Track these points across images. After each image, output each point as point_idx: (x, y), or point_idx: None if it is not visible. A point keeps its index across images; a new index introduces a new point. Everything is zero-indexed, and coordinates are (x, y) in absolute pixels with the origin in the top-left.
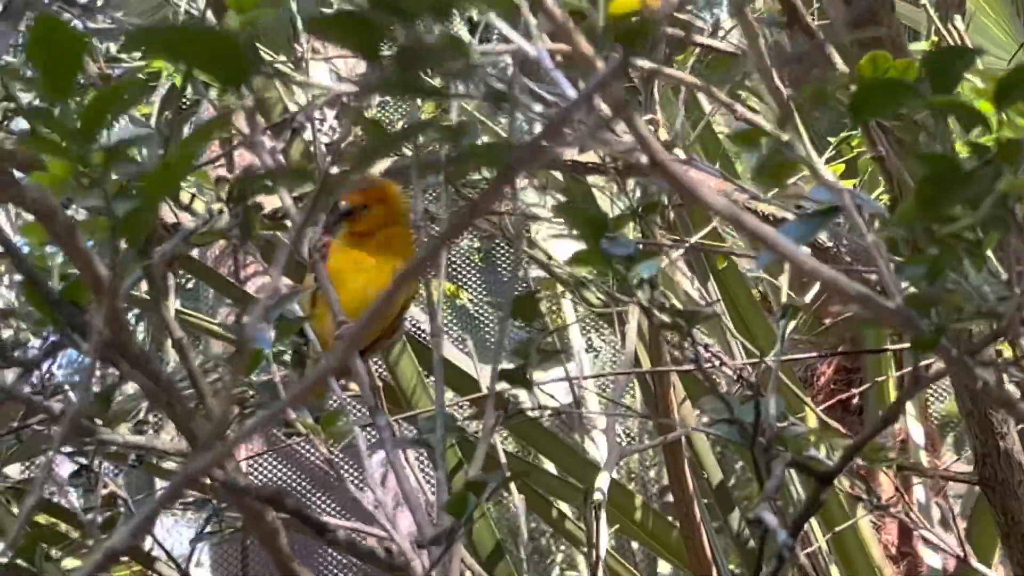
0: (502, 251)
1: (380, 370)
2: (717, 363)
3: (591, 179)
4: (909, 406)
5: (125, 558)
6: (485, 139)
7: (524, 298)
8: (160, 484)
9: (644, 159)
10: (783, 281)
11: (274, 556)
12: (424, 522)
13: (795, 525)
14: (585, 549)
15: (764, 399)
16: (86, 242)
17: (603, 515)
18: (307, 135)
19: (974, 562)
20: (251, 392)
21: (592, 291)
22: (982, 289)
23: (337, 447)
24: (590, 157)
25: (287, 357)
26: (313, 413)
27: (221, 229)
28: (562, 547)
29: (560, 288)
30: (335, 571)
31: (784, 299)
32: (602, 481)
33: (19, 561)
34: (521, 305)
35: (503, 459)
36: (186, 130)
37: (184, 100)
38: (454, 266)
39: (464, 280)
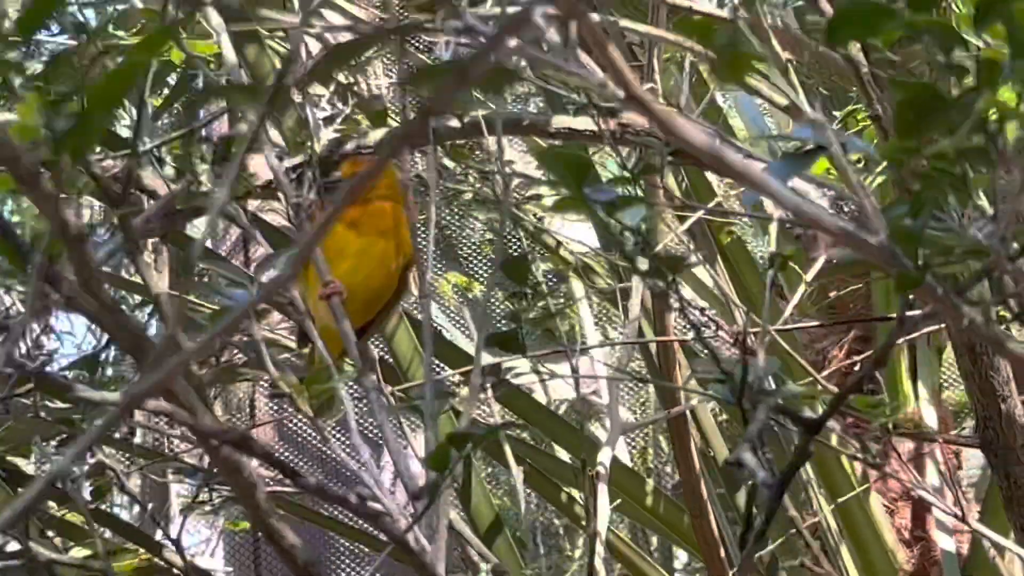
0: (514, 243)
1: (378, 346)
2: (714, 327)
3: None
4: (922, 390)
5: (133, 546)
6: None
7: (515, 260)
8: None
9: (619, 92)
10: (771, 230)
11: (252, 511)
12: (410, 479)
13: (783, 477)
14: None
15: (753, 358)
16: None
17: (604, 489)
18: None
19: (973, 521)
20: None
21: (601, 276)
22: (966, 224)
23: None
24: (587, 124)
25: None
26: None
27: (206, 191)
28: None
29: (573, 279)
30: (346, 562)
31: (773, 248)
32: (604, 456)
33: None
34: (511, 267)
35: (508, 453)
36: None
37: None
38: (466, 259)
39: (477, 273)
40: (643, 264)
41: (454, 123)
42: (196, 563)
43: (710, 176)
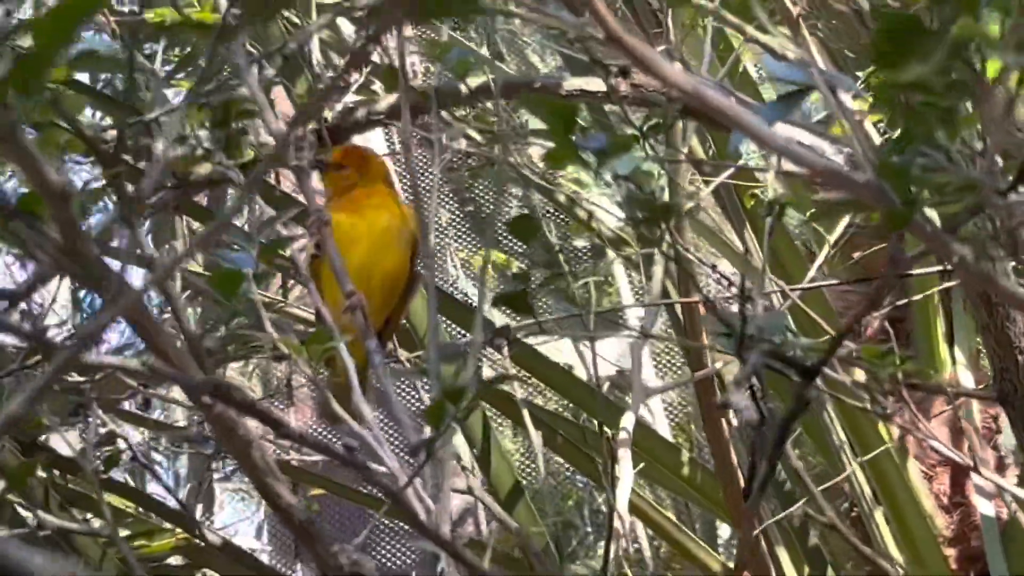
0: (553, 219)
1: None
2: (727, 284)
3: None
4: (959, 354)
5: (170, 525)
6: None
7: (521, 218)
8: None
9: (600, 34)
10: (769, 178)
11: (248, 470)
12: (411, 434)
13: (782, 425)
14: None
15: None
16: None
17: (627, 454)
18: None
19: (1012, 486)
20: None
21: (631, 245)
22: (956, 161)
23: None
24: (600, 86)
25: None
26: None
27: (205, 152)
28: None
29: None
30: (385, 540)
31: (771, 194)
32: (627, 421)
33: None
34: (518, 225)
35: (527, 418)
36: None
37: None
38: (505, 236)
39: (516, 250)
40: (638, 213)
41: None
42: (234, 541)
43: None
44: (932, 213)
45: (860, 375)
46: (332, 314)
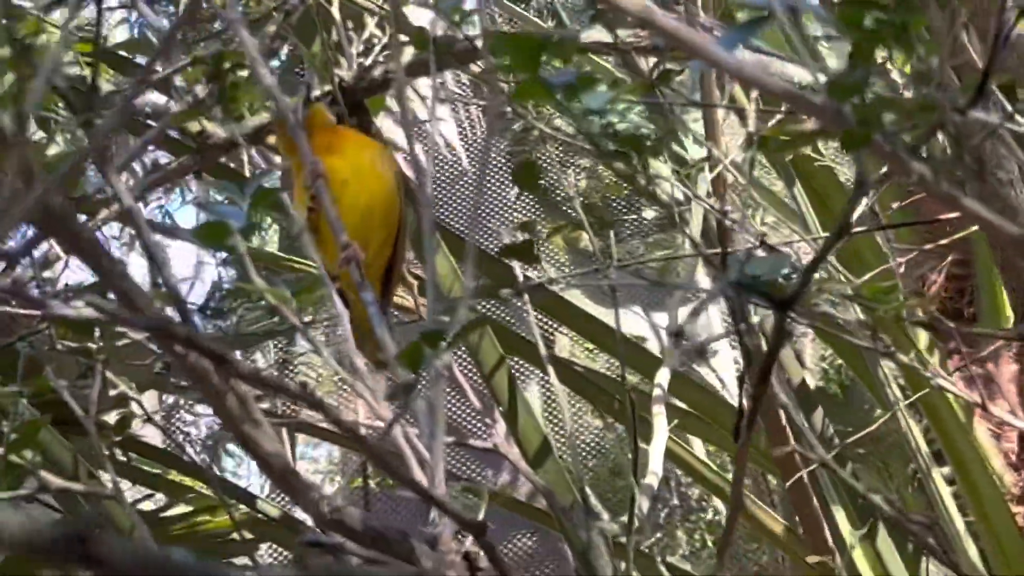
0: (620, 194)
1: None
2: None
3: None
4: None
5: (232, 500)
6: None
7: (526, 165)
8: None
9: None
10: (749, 111)
11: (223, 418)
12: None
13: (766, 360)
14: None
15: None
16: None
17: (661, 411)
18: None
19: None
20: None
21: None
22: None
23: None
24: (604, 37)
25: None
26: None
27: (199, 104)
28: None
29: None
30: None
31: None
32: (662, 376)
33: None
34: (523, 173)
35: (553, 376)
36: None
37: None
38: (572, 210)
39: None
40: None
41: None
42: (294, 514)
43: None
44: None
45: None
46: (328, 266)
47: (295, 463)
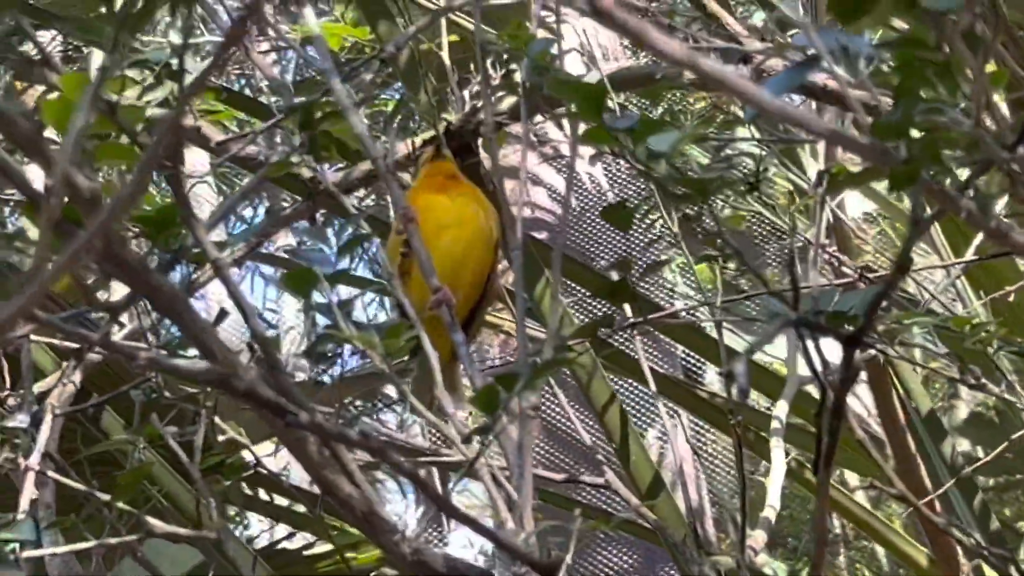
0: (762, 224)
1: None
2: (836, 263)
3: None
4: None
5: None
6: None
7: (617, 206)
8: None
9: (584, 6)
10: (820, 149)
11: (305, 464)
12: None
13: (838, 395)
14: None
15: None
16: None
17: (779, 443)
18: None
19: None
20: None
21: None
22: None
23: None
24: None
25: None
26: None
27: (291, 153)
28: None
29: None
30: (601, 546)
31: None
32: (780, 410)
33: None
34: (611, 213)
35: (663, 410)
36: None
37: None
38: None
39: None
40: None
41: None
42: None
43: None
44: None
45: None
46: (416, 308)
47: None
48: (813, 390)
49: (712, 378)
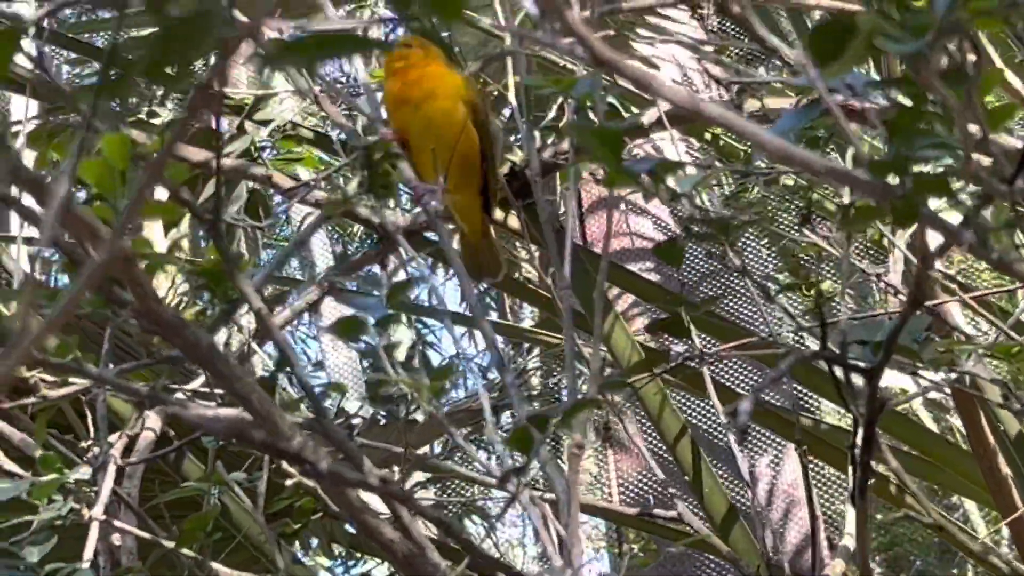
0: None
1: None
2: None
3: None
4: None
5: None
6: None
7: (669, 243)
8: None
9: (587, 57)
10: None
11: (346, 510)
12: (499, 464)
13: (866, 428)
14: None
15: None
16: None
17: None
18: None
19: None
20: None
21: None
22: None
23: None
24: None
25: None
26: None
27: (351, 194)
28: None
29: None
30: None
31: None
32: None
33: None
34: (664, 251)
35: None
36: None
37: None
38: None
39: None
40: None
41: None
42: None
43: None
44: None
45: None
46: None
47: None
48: (911, 409)
49: (828, 407)
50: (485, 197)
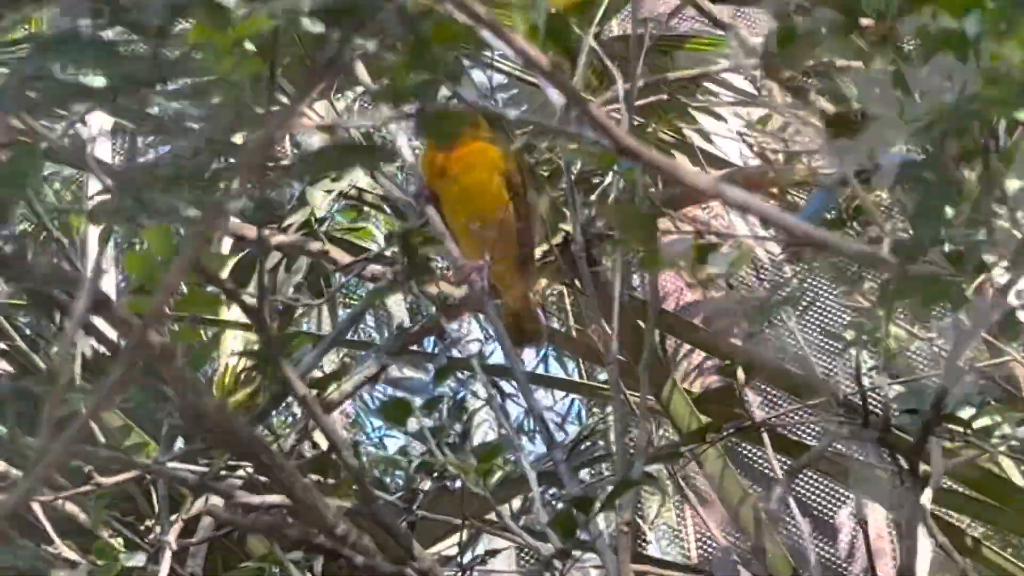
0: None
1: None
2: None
3: None
4: None
5: None
6: None
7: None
8: None
9: (610, 145)
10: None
11: None
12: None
13: (911, 510)
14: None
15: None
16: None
17: (923, 533)
18: None
19: None
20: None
21: None
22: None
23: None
24: None
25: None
26: None
27: (393, 281)
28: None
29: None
30: None
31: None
32: (925, 498)
33: None
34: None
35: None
36: None
37: None
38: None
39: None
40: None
41: None
42: None
43: None
44: None
45: None
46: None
47: None
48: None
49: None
50: (524, 264)
